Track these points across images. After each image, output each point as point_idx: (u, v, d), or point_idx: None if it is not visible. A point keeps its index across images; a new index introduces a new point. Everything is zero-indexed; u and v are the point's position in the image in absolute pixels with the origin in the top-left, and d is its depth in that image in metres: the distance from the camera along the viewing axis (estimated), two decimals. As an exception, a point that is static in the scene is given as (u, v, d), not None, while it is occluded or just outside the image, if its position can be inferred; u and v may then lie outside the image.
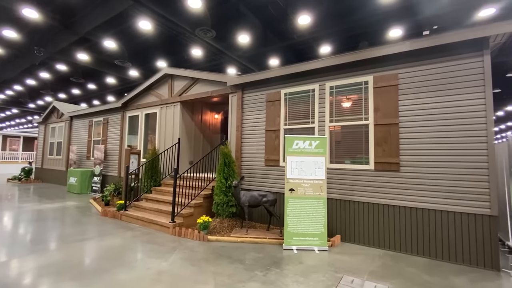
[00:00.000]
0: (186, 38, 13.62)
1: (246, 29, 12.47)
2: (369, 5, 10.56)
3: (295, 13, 11.14)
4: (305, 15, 10.88)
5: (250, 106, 6.47)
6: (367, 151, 4.87)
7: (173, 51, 15.31)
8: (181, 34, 13.08)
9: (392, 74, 4.71)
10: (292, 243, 4.45)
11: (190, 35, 13.00)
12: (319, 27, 12.27)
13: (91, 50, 15.02)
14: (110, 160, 10.04)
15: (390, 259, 4.15)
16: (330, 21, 11.85)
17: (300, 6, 10.72)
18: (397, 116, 4.61)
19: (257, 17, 11.62)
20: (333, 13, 11.08)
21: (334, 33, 12.89)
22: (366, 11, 10.96)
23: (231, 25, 12.36)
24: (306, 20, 11.43)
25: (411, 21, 11.54)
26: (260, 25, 12.28)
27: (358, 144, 4.99)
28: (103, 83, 21.24)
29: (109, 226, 5.64)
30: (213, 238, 4.81)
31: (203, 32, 12.70)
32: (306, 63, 5.54)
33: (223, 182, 5.67)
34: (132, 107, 9.35)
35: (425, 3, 10.38)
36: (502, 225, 4.93)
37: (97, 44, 14.23)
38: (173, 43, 14.17)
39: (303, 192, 4.56)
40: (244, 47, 14.72)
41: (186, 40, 13.86)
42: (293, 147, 4.64)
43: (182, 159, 7.87)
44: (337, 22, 11.92)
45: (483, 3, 10.04)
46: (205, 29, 12.52)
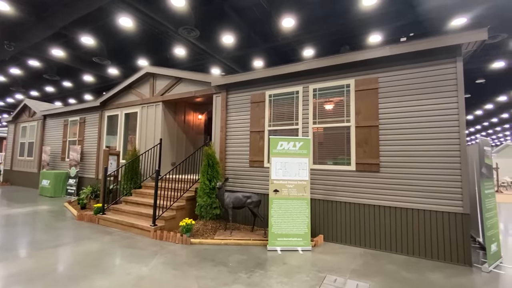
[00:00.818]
0: (169, 37, 13.35)
1: (231, 30, 12.44)
2: (351, 11, 10.87)
3: (279, 15, 11.25)
4: (288, 17, 11.01)
5: (234, 107, 6.44)
6: (349, 152, 4.99)
7: (155, 50, 14.96)
8: (163, 32, 12.81)
9: (373, 78, 4.87)
10: (276, 244, 4.46)
11: (173, 34, 12.77)
12: (302, 30, 12.47)
13: (67, 46, 14.33)
14: (87, 162, 9.60)
15: (371, 257, 4.27)
16: (313, 25, 12.08)
17: (284, 9, 10.84)
18: (377, 119, 4.76)
19: (242, 18, 11.63)
20: (316, 17, 11.31)
21: (316, 37, 13.15)
22: (348, 17, 11.27)
23: (215, 25, 12.27)
24: (290, 23, 11.58)
25: (390, 28, 12.01)
26: (245, 26, 12.29)
27: (340, 145, 5.10)
28: (80, 81, 20.33)
29: (86, 231, 5.37)
30: (196, 241, 4.72)
31: (186, 31, 12.52)
32: (290, 65, 5.60)
33: (207, 183, 5.59)
34: (111, 106, 9.01)
35: (403, 11, 10.83)
36: (473, 223, 5.23)
37: (74, 40, 13.60)
38: (155, 41, 13.84)
39: (287, 193, 4.59)
40: (229, 48, 14.66)
41: (169, 39, 13.59)
42: (278, 148, 4.66)
43: (164, 161, 7.68)
44: (320, 26, 12.17)
45: (456, 13, 10.66)
46: (188, 28, 12.35)
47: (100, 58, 15.81)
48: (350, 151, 4.97)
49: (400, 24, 11.59)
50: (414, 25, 11.51)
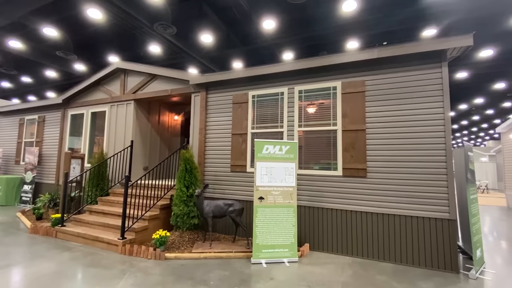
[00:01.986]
0: (143, 32, 12.58)
1: (209, 29, 12.01)
2: (330, 17, 10.98)
3: (259, 17, 11.08)
4: (268, 20, 10.86)
5: (215, 108, 6.03)
6: (336, 157, 4.80)
7: (128, 46, 14.05)
8: (137, 28, 12.03)
9: (360, 81, 4.74)
10: (260, 256, 4.11)
11: (148, 30, 12.04)
12: (281, 33, 12.40)
13: (27, 38, 12.97)
14: (46, 165, 8.58)
15: (359, 267, 4.07)
16: (292, 29, 12.05)
17: (263, 11, 10.68)
18: (364, 122, 4.63)
19: (221, 17, 11.28)
20: (295, 21, 11.28)
21: (295, 41, 13.14)
22: (326, 23, 11.38)
23: (193, 23, 11.77)
24: (270, 26, 11.47)
25: (366, 36, 12.33)
26: (224, 26, 11.94)
27: (326, 149, 4.91)
28: (41, 76, 18.60)
29: (41, 247, 4.63)
30: (172, 255, 4.22)
31: (162, 27, 11.87)
32: (275, 65, 5.33)
33: (184, 190, 5.10)
34: (76, 104, 8.14)
35: (378, 20, 11.13)
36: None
37: (35, 31, 12.33)
38: (127, 37, 12.98)
39: (273, 200, 4.28)
40: (207, 47, 14.17)
41: (143, 35, 12.81)
42: (263, 152, 4.34)
43: (136, 165, 7.03)
44: (299, 31, 12.18)
45: (427, 25, 11.15)
46: (165, 25, 11.70)
47: (65, 52, 14.54)
48: (336, 156, 4.79)
49: (375, 33, 11.95)
50: (388, 35, 11.89)
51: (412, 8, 9.98)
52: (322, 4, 10.12)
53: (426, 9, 9.94)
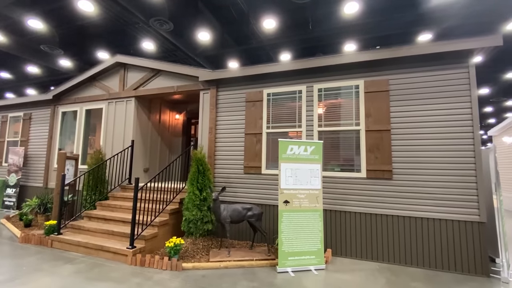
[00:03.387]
0: (137, 28, 12.04)
1: (207, 27, 11.67)
2: (329, 19, 10.96)
3: (257, 17, 10.91)
4: (266, 19, 10.71)
5: (226, 106, 5.70)
6: (359, 158, 4.62)
7: (119, 43, 13.40)
8: (131, 23, 11.49)
9: (383, 80, 4.59)
10: (287, 264, 3.83)
11: (143, 25, 11.52)
12: (278, 34, 12.29)
13: (7, 30, 12.06)
14: (33, 167, 7.87)
15: (390, 273, 3.88)
16: (290, 30, 11.96)
17: (261, 11, 10.52)
18: (389, 123, 4.48)
19: (218, 16, 11.00)
20: (293, 22, 11.18)
21: (292, 42, 13.03)
22: (325, 25, 11.35)
23: (191, 20, 11.38)
24: (267, 26, 11.36)
25: (364, 39, 12.41)
26: (221, 25, 11.65)
27: (348, 150, 4.72)
28: (21, 72, 17.43)
29: (35, 258, 4.11)
30: (189, 265, 3.85)
31: (159, 23, 11.39)
32: (292, 62, 5.10)
33: (197, 194, 4.74)
34: (68, 101, 7.53)
35: (375, 24, 11.22)
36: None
37: (17, 23, 11.48)
38: (120, 32, 12.37)
39: (299, 204, 4.02)
40: (203, 46, 13.78)
41: (136, 30, 12.26)
42: (288, 153, 4.08)
43: (136, 166, 6.55)
44: (297, 32, 12.09)
45: (422, 29, 11.36)
46: (161, 20, 11.23)
47: (50, 47, 13.66)
48: (360, 157, 4.60)
49: (372, 36, 12.05)
50: (386, 38, 12.02)
51: (412, 12, 10.11)
52: (323, 6, 10.08)
53: (427, 13, 10.10)
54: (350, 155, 4.71)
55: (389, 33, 11.42)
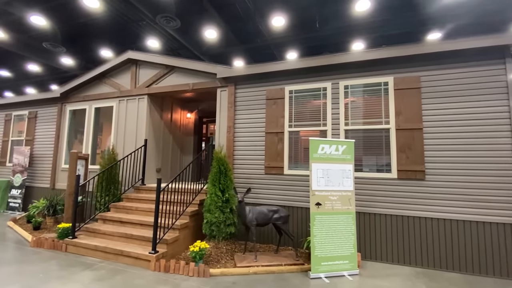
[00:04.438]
0: (143, 25, 11.81)
1: (212, 25, 11.48)
2: (335, 18, 10.83)
3: (262, 15, 10.76)
4: (273, 18, 10.56)
5: (245, 104, 5.50)
6: (389, 158, 4.43)
7: (123, 40, 13.17)
8: (137, 20, 11.27)
9: (414, 77, 4.41)
10: (320, 270, 3.64)
11: (149, 22, 11.29)
12: (284, 32, 12.15)
13: (9, 27, 11.77)
14: (39, 167, 7.61)
15: (428, 279, 3.70)
16: (296, 29, 11.81)
17: (267, 9, 10.37)
18: (421, 121, 4.30)
19: (225, 13, 10.81)
20: (299, 21, 11.03)
21: (297, 41, 12.90)
22: (332, 23, 11.20)
23: (198, 17, 11.18)
24: (273, 24, 11.22)
25: (370, 38, 12.28)
26: (226, 23, 11.47)
27: (377, 150, 4.53)
28: (21, 70, 17.10)
29: (51, 264, 3.87)
30: (217, 271, 3.64)
31: (166, 20, 11.17)
32: (317, 58, 4.90)
33: (219, 195, 4.53)
34: (77, 99, 7.27)
35: (383, 23, 11.10)
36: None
37: (19, 20, 11.20)
38: (124, 30, 12.15)
39: (331, 206, 3.82)
40: (209, 44, 13.59)
41: (141, 28, 12.04)
42: (319, 153, 3.88)
43: (148, 166, 6.31)
44: (303, 30, 11.95)
45: (431, 28, 11.23)
46: (168, 17, 11.01)
47: (52, 44, 13.37)
48: (390, 157, 4.42)
49: (377, 36, 11.92)
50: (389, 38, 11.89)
51: (422, 11, 9.96)
52: (330, 4, 9.92)
53: (437, 12, 9.97)
54: (379, 154, 4.52)
55: (396, 32, 11.30)
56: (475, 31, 10.14)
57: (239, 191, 5.08)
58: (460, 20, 10.50)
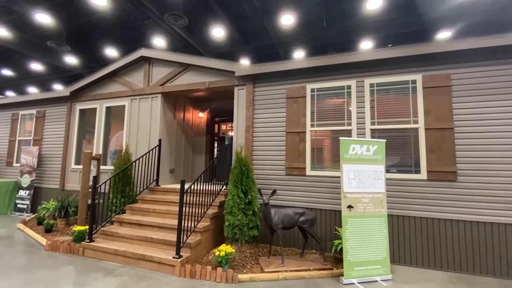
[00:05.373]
0: (147, 25, 11.67)
1: (219, 23, 11.34)
2: (343, 16, 10.71)
3: (270, 14, 10.63)
4: (282, 15, 10.42)
5: (264, 103, 5.35)
6: (418, 159, 4.29)
7: (128, 39, 13.02)
8: (144, 18, 11.11)
9: (444, 74, 4.27)
10: (352, 275, 3.49)
11: (156, 20, 11.13)
12: (291, 31, 12.03)
13: (14, 25, 11.59)
14: (48, 168, 7.43)
15: (463, 284, 3.56)
16: (303, 27, 11.69)
17: (275, 8, 10.24)
18: (452, 120, 4.16)
19: (231, 11, 10.67)
20: (307, 19, 10.90)
21: (304, 40, 12.77)
22: (340, 22, 11.08)
23: (204, 15, 11.03)
24: (281, 23, 11.11)
25: (378, 37, 12.15)
26: (233, 21, 11.34)
27: (405, 150, 4.39)
28: (24, 69, 16.90)
29: (70, 270, 3.71)
30: (245, 277, 3.49)
31: (173, 18, 11.00)
32: (341, 56, 4.75)
33: (242, 197, 4.37)
34: (87, 98, 7.10)
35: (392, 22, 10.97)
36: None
37: (24, 18, 11.03)
38: (129, 29, 11.99)
39: (363, 209, 3.67)
40: (215, 42, 13.45)
41: (146, 27, 11.89)
42: (350, 153, 3.73)
43: (162, 167, 6.15)
44: (310, 29, 11.83)
45: (440, 27, 11.10)
46: (176, 15, 10.85)
47: (57, 43, 13.19)
48: (419, 157, 4.27)
49: (384, 35, 11.80)
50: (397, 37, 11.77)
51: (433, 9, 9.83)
52: (339, 2, 9.79)
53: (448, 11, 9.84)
54: (407, 155, 4.38)
55: (406, 31, 11.17)
56: (488, 30, 10.03)
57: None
58: (472, 18, 10.37)
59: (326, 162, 4.82)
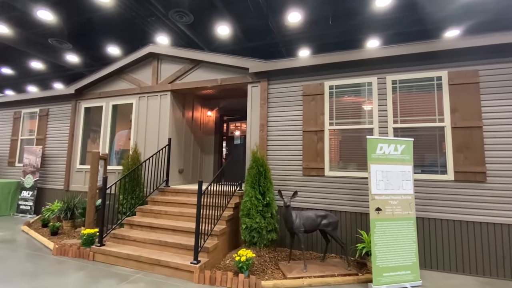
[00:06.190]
0: (149, 22, 11.44)
1: (224, 20, 11.13)
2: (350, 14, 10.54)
3: (275, 11, 10.46)
4: (287, 13, 10.24)
5: (279, 100, 5.15)
6: (443, 158, 4.11)
7: (131, 37, 12.80)
8: (148, 15, 10.88)
9: (472, 71, 4.09)
10: (382, 282, 3.30)
11: (160, 17, 10.91)
12: (296, 30, 11.87)
13: (15, 22, 11.33)
14: (51, 168, 7.21)
15: (498, 291, 3.38)
16: (308, 25, 11.51)
17: (280, 5, 10.07)
18: (480, 119, 3.98)
19: (235, 9, 10.48)
20: (312, 17, 10.73)
21: (309, 38, 12.60)
22: (346, 20, 10.91)
23: (208, 12, 10.83)
24: (286, 20, 10.90)
25: (384, 35, 11.99)
26: (237, 18, 11.15)
27: (430, 149, 4.21)
28: (24, 67, 16.62)
29: (82, 276, 3.50)
30: (269, 283, 3.29)
31: (178, 15, 10.78)
32: (362, 51, 4.57)
33: (260, 198, 4.18)
34: (92, 95, 6.88)
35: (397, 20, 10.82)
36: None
37: (26, 15, 10.78)
38: (133, 26, 11.75)
39: (391, 211, 3.49)
40: (219, 40, 13.25)
41: (149, 25, 11.66)
42: (377, 153, 3.55)
43: (171, 167, 5.94)
44: (315, 27, 11.65)
45: (448, 26, 10.95)
46: (181, 13, 10.63)
47: (58, 40, 12.94)
48: (446, 157, 4.09)
49: (393, 33, 11.63)
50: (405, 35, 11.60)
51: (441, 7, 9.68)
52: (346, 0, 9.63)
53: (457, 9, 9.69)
54: (432, 155, 4.20)
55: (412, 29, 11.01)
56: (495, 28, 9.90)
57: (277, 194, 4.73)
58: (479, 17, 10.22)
59: (346, 162, 4.63)
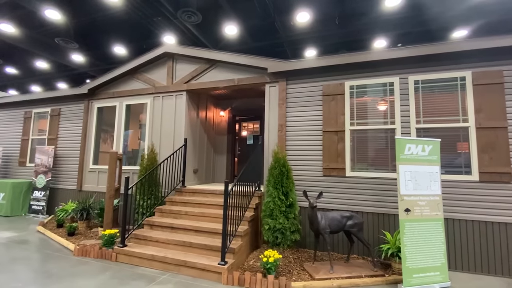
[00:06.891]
0: (156, 22, 11.40)
1: (231, 20, 11.11)
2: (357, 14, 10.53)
3: (281, 12, 10.44)
4: (294, 13, 10.23)
5: (298, 101, 5.13)
6: (468, 159, 4.09)
7: (136, 37, 12.77)
8: (155, 15, 10.84)
9: (496, 71, 4.08)
10: (412, 283, 3.28)
11: (168, 17, 10.88)
12: (303, 29, 11.86)
13: (22, 21, 11.28)
14: (63, 168, 7.17)
15: (528, 292, 3.37)
16: (315, 25, 11.50)
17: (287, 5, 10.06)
18: (505, 119, 3.97)
19: (242, 8, 10.45)
20: (319, 17, 10.72)
21: (316, 38, 12.58)
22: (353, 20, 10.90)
23: (216, 12, 10.80)
24: (294, 20, 10.89)
25: (392, 35, 11.98)
26: (244, 18, 11.12)
27: (454, 150, 4.19)
28: (28, 67, 16.57)
29: (108, 277, 3.48)
30: (299, 285, 3.27)
31: (187, 15, 10.76)
32: (384, 51, 4.55)
33: (283, 199, 4.16)
34: (105, 95, 6.85)
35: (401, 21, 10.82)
36: None
37: (33, 14, 10.73)
38: (140, 26, 11.71)
39: (420, 212, 3.47)
40: (226, 40, 13.22)
41: (155, 25, 11.62)
42: (406, 153, 3.53)
43: (187, 167, 5.91)
44: (322, 27, 11.65)
45: (455, 26, 10.95)
46: (190, 12, 10.61)
47: (64, 40, 12.90)
48: (470, 158, 4.08)
49: (399, 33, 11.62)
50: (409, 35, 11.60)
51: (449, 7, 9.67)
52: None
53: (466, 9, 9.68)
54: (456, 155, 4.18)
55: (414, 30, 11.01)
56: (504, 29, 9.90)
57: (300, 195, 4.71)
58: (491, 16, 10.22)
59: (368, 162, 4.61)
